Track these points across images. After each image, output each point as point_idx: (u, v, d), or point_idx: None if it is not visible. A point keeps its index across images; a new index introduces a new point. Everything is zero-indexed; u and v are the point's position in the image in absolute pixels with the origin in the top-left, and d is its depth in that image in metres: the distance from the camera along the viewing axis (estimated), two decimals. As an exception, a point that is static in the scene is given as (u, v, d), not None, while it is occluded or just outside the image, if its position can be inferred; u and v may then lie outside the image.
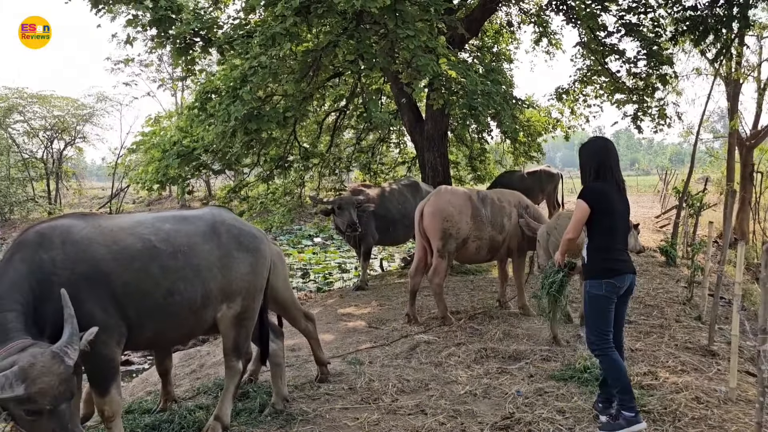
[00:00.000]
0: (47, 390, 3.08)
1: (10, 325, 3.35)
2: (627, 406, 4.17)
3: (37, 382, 3.05)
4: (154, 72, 29.15)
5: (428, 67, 8.20)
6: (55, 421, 3.13)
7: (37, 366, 3.08)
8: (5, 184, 28.50)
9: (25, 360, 3.09)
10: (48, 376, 3.09)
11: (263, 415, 4.72)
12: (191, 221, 4.23)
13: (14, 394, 3.00)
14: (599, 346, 4.25)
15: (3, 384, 3.00)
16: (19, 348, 3.20)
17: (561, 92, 14.40)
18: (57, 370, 3.13)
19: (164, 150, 9.66)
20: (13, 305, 3.41)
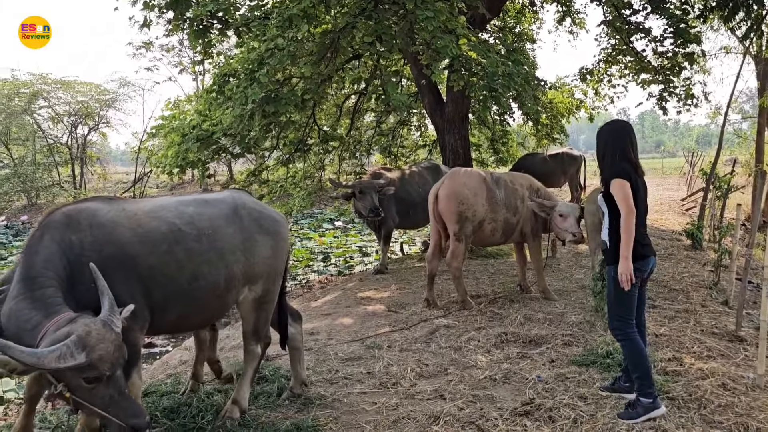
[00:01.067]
0: (106, 356, 3.16)
1: (51, 300, 3.39)
2: (645, 392, 4.13)
3: (96, 349, 3.13)
4: (175, 56, 29.32)
5: (448, 49, 8.05)
6: (113, 387, 3.22)
7: (93, 334, 3.15)
8: (31, 169, 28.96)
9: (80, 329, 3.16)
10: (104, 343, 3.17)
11: (281, 398, 4.72)
12: (213, 204, 4.22)
13: (76, 362, 3.06)
14: (623, 331, 4.19)
15: (64, 353, 3.05)
16: (67, 320, 3.25)
17: (585, 72, 14.11)
18: (110, 337, 3.21)
19: (183, 134, 9.66)
20: (50, 282, 3.45)
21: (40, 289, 3.41)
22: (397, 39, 8.62)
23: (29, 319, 3.31)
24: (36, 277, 3.44)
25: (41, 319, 3.29)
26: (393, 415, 4.40)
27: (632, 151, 4.24)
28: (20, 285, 3.44)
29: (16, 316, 3.36)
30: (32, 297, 3.38)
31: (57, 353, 3.05)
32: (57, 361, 3.04)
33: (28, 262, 3.50)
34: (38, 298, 3.38)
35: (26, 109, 29.75)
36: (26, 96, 29.48)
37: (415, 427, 4.21)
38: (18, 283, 3.45)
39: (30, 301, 3.37)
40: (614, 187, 4.14)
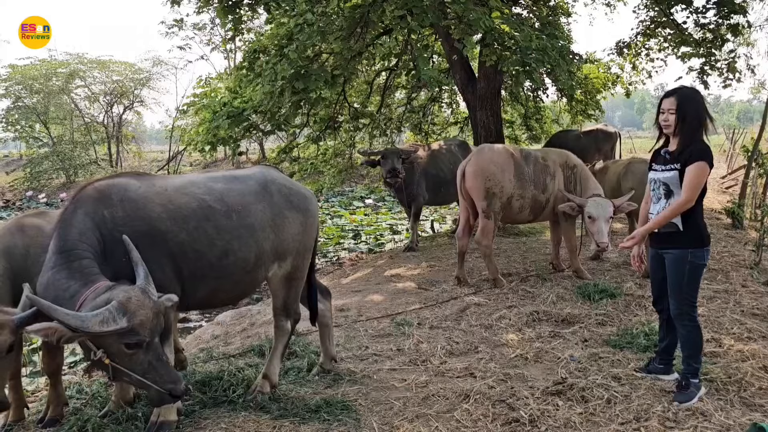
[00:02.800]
0: (146, 322, 3.23)
1: (88, 270, 3.44)
2: (696, 374, 4.09)
3: (137, 315, 3.20)
4: (207, 35, 29.45)
5: (480, 22, 7.87)
6: (152, 353, 3.29)
7: (133, 300, 3.22)
8: (69, 148, 29.61)
9: (121, 295, 3.22)
10: (144, 309, 3.24)
11: (311, 374, 4.74)
12: (243, 181, 4.21)
13: (119, 326, 3.14)
14: (691, 316, 4.06)
15: (107, 317, 3.13)
16: (106, 287, 3.32)
17: (622, 46, 13.69)
18: (149, 303, 3.28)
19: (214, 111, 9.70)
20: (86, 253, 3.50)
21: (77, 260, 3.45)
22: (428, 12, 8.45)
23: (68, 287, 3.36)
24: (72, 249, 3.48)
25: (79, 287, 3.34)
26: (422, 392, 4.39)
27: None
28: (56, 257, 3.48)
29: (54, 286, 3.40)
30: (69, 267, 3.42)
31: (100, 317, 3.12)
32: (100, 325, 3.12)
33: (62, 235, 3.54)
34: (76, 268, 3.43)
35: (64, 89, 30.36)
36: (63, 76, 30.07)
37: (444, 404, 4.19)
38: (54, 254, 3.49)
39: (68, 271, 3.41)
40: (696, 170, 3.87)
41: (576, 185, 7.39)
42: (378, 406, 4.21)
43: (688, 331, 4.09)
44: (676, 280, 4.05)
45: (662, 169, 4.08)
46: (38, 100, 29.93)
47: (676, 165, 3.98)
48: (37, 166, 28.46)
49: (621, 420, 3.84)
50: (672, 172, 3.99)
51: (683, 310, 4.06)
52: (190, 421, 3.96)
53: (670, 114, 3.97)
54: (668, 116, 3.98)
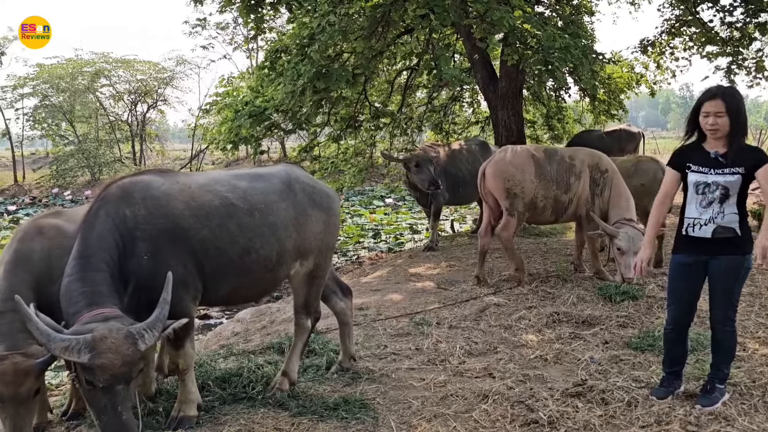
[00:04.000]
0: (108, 366, 3.08)
1: (98, 288, 3.41)
2: (724, 380, 4.03)
3: (102, 357, 3.07)
4: (230, 34, 29.71)
5: (503, 21, 7.83)
6: (107, 398, 3.13)
7: (107, 341, 3.10)
8: (94, 146, 30.05)
9: (99, 331, 3.13)
10: (113, 354, 3.09)
11: (330, 372, 4.76)
12: (266, 179, 4.24)
13: (78, 359, 3.07)
14: (732, 320, 3.97)
15: (72, 347, 3.07)
16: (103, 317, 3.26)
17: (646, 45, 13.53)
18: (125, 350, 3.13)
19: (236, 110, 9.78)
20: (99, 264, 3.48)
21: (90, 271, 3.45)
22: (450, 11, 8.44)
23: (75, 303, 3.37)
24: (89, 257, 3.49)
25: (83, 307, 3.33)
26: (441, 392, 4.38)
27: None
28: (74, 263, 3.50)
29: (66, 298, 3.43)
30: (83, 279, 3.42)
31: (66, 344, 3.07)
32: (63, 350, 3.07)
33: (84, 238, 3.56)
34: (88, 281, 3.41)
35: (89, 88, 30.82)
36: (89, 75, 30.51)
37: (463, 404, 4.18)
38: (73, 260, 3.51)
39: (80, 283, 3.41)
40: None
41: (603, 191, 7.13)
42: (396, 405, 4.21)
43: (728, 336, 3.98)
44: (729, 286, 3.89)
45: (718, 172, 3.82)
46: (64, 99, 30.42)
47: (738, 169, 3.77)
48: (63, 163, 28.92)
49: (642, 423, 3.79)
50: (735, 176, 3.78)
51: (728, 315, 3.94)
52: (210, 416, 4.00)
53: (718, 117, 3.74)
54: (716, 119, 3.75)
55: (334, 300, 4.84)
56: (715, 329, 4.04)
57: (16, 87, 30.34)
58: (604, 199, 7.10)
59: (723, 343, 4.02)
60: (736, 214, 3.80)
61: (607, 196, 7.09)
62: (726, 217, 3.80)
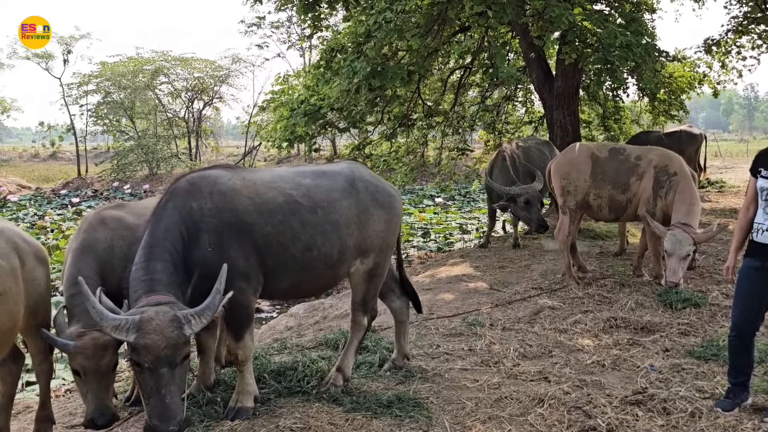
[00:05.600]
0: (152, 347, 3.20)
1: (157, 276, 3.56)
2: None
3: (146, 337, 3.21)
4: (284, 33, 30.16)
5: (562, 18, 7.68)
6: (153, 381, 3.24)
7: (153, 323, 3.25)
8: (153, 142, 31.05)
9: (147, 313, 3.29)
10: (157, 336, 3.22)
11: (383, 369, 4.77)
12: (330, 177, 4.29)
13: (126, 338, 3.23)
14: None
15: (121, 326, 3.24)
16: (156, 302, 3.41)
17: (711, 44, 13.05)
18: (169, 333, 3.25)
19: (292, 108, 9.91)
20: (163, 254, 3.63)
21: (153, 261, 3.60)
22: (507, 9, 8.33)
23: (137, 290, 3.54)
24: (154, 247, 3.65)
25: (142, 294, 3.50)
26: (495, 394, 4.33)
27: None
28: (141, 252, 3.66)
29: (132, 284, 3.60)
30: (147, 267, 3.58)
31: (116, 323, 3.23)
32: (112, 329, 3.23)
33: (152, 229, 3.73)
34: (150, 270, 3.57)
35: (149, 85, 31.82)
36: (149, 72, 31.49)
37: (518, 407, 4.12)
38: (141, 249, 3.68)
39: (143, 271, 3.58)
40: None
41: (668, 194, 6.82)
42: (450, 405, 4.19)
43: None
44: None
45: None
46: (125, 96, 31.50)
47: None
48: (123, 158, 29.98)
49: (706, 435, 3.66)
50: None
51: None
52: (266, 408, 4.07)
53: None
54: None
55: (392, 297, 4.85)
56: None
57: (81, 84, 31.62)
58: (668, 201, 6.82)
59: None
60: None
61: (671, 199, 6.81)
62: None
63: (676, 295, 6.33)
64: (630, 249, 8.80)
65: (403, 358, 4.84)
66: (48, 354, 4.02)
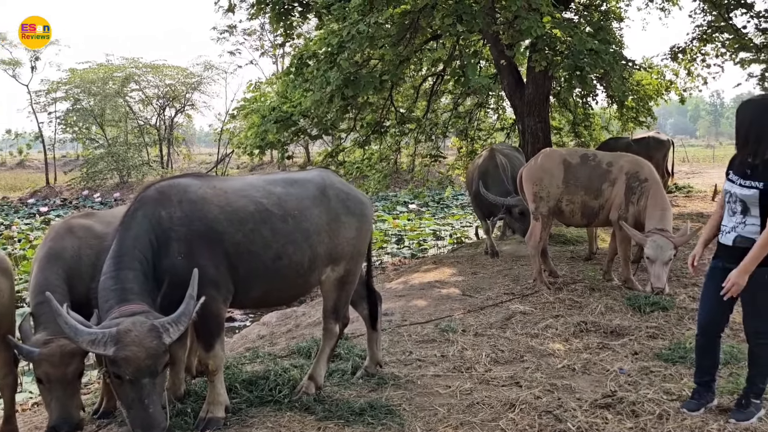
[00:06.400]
0: (132, 359, 3.16)
1: (128, 285, 3.51)
2: (760, 395, 3.91)
3: (126, 349, 3.16)
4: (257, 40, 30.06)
5: (532, 29, 7.79)
6: (134, 392, 3.21)
7: (131, 334, 3.20)
8: (123, 149, 30.66)
9: (124, 325, 3.23)
10: (137, 347, 3.18)
11: (355, 377, 4.75)
12: (301, 184, 4.28)
13: (104, 352, 3.17)
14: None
15: (99, 340, 3.17)
16: (130, 312, 3.35)
17: (677, 51, 13.35)
18: (148, 343, 3.21)
19: (263, 115, 9.87)
20: (133, 263, 3.58)
21: (123, 269, 3.55)
22: (478, 19, 8.41)
23: (107, 300, 3.48)
24: (123, 256, 3.59)
25: (114, 304, 3.44)
26: (467, 400, 4.35)
27: None
28: (110, 262, 3.61)
29: (101, 295, 3.54)
30: (117, 277, 3.52)
31: (92, 337, 3.17)
32: (89, 343, 3.17)
33: (121, 238, 3.67)
34: (120, 279, 3.52)
35: (119, 92, 31.43)
36: (119, 79, 31.12)
37: (489, 412, 4.14)
38: (109, 258, 3.63)
39: (113, 281, 3.52)
40: None
41: (640, 200, 6.93)
42: (422, 412, 4.19)
43: (761, 349, 3.87)
44: (754, 298, 3.80)
45: (741, 183, 3.77)
46: (95, 103, 31.10)
47: (757, 183, 3.68)
48: (93, 166, 29.53)
49: (673, 436, 3.73)
50: (752, 190, 3.70)
51: (761, 330, 3.84)
52: (237, 419, 4.03)
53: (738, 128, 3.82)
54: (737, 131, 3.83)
55: (363, 305, 4.85)
56: (748, 342, 3.98)
57: (49, 91, 31.12)
58: (640, 207, 6.94)
59: (758, 356, 3.92)
60: (758, 225, 3.72)
61: (643, 204, 6.93)
62: (747, 227, 3.76)
63: (645, 299, 6.44)
64: (600, 253, 8.94)
65: (376, 366, 4.84)
66: (13, 366, 3.94)
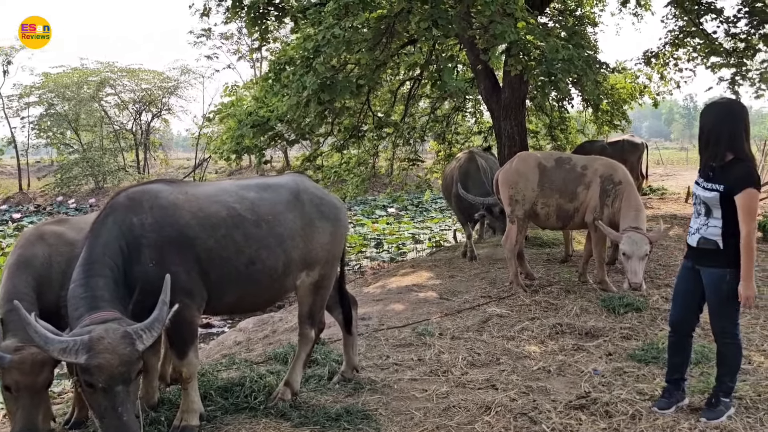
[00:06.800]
0: (105, 366, 3.10)
1: (99, 293, 3.45)
2: (729, 393, 3.99)
3: (99, 357, 3.09)
4: (234, 44, 29.90)
5: (506, 34, 7.85)
6: (107, 400, 3.14)
7: (104, 341, 3.13)
8: (98, 154, 30.24)
9: (96, 332, 3.16)
10: (110, 354, 3.12)
11: (332, 382, 4.74)
12: (275, 189, 4.26)
13: (76, 360, 3.09)
14: (733, 334, 3.95)
15: (70, 348, 3.10)
16: (102, 319, 3.29)
17: (649, 56, 13.56)
18: (122, 350, 3.15)
19: (240, 120, 9.82)
20: (103, 270, 3.53)
21: (93, 277, 3.49)
22: (453, 23, 8.46)
23: (78, 308, 3.41)
24: (93, 263, 3.53)
25: (84, 312, 3.37)
26: (443, 403, 4.36)
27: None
28: (79, 269, 3.55)
29: (71, 303, 3.47)
30: (86, 284, 3.46)
31: (64, 345, 3.10)
32: (60, 352, 3.10)
33: (90, 246, 3.62)
34: (91, 287, 3.45)
35: (94, 96, 31.03)
36: (94, 84, 30.71)
37: (465, 416, 4.15)
38: (79, 266, 3.56)
39: (83, 288, 3.45)
40: (746, 198, 3.67)
41: (614, 202, 7.04)
42: (398, 416, 4.19)
43: (728, 349, 3.97)
44: (716, 299, 3.89)
45: (704, 186, 3.87)
46: (69, 108, 30.63)
47: (717, 186, 3.78)
48: (68, 172, 29.07)
49: (646, 436, 3.77)
50: (713, 193, 3.80)
51: (725, 329, 3.93)
52: (212, 426, 3.99)
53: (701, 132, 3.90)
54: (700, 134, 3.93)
55: (339, 310, 4.84)
56: (716, 341, 4.07)
57: (22, 96, 30.59)
58: (615, 209, 7.04)
59: (724, 355, 4.02)
60: (719, 227, 3.81)
61: (618, 206, 7.03)
62: (709, 229, 3.86)
63: (619, 300, 6.52)
64: (575, 255, 9.03)
65: (353, 370, 4.83)
66: None
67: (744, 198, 3.70)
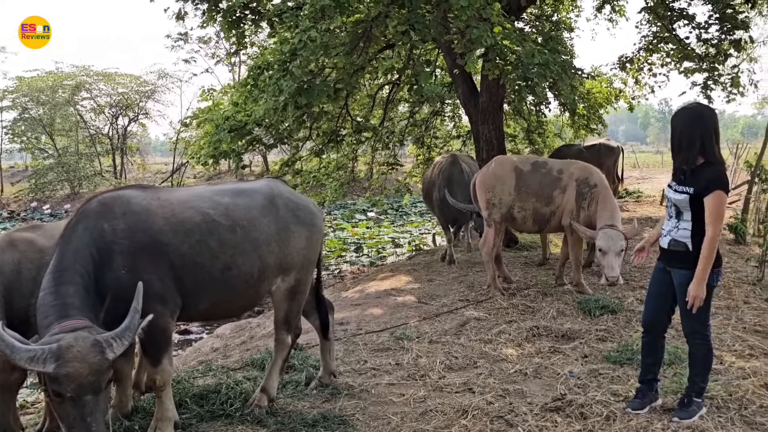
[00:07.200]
0: (74, 375, 3.04)
1: (69, 300, 3.38)
2: (701, 393, 4.06)
3: (67, 366, 3.03)
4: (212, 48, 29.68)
5: (482, 39, 7.89)
6: (76, 410, 3.08)
7: (73, 350, 3.07)
8: (74, 159, 29.75)
9: (65, 341, 3.10)
10: (79, 363, 3.06)
11: (309, 388, 4.73)
12: (249, 194, 4.23)
13: (44, 369, 3.03)
14: (703, 335, 4.01)
15: (38, 357, 3.03)
16: (71, 328, 3.23)
17: (624, 61, 13.71)
18: (91, 359, 3.09)
19: (217, 125, 9.74)
20: (74, 277, 3.46)
21: (64, 284, 3.42)
22: (430, 28, 8.49)
23: (47, 316, 3.34)
24: (63, 271, 3.47)
25: (54, 320, 3.30)
26: (421, 408, 4.37)
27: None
28: (49, 277, 3.48)
29: (40, 311, 3.40)
30: (56, 292, 3.40)
31: (31, 354, 3.03)
32: (28, 360, 3.03)
33: (60, 252, 3.55)
34: (61, 294, 3.38)
35: (70, 101, 30.54)
36: (69, 88, 30.26)
37: (442, 420, 4.16)
38: (49, 273, 3.49)
39: (53, 296, 3.38)
40: (714, 200, 3.75)
41: (590, 205, 7.15)
42: (375, 421, 4.19)
43: (699, 349, 4.03)
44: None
45: (676, 189, 3.96)
46: (44, 112, 30.12)
47: (688, 189, 3.86)
48: (42, 177, 28.60)
49: (620, 437, 3.81)
50: (683, 195, 3.89)
51: (696, 330, 4.00)
52: (187, 434, 3.94)
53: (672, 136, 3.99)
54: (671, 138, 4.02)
55: (315, 315, 4.83)
56: (687, 342, 4.14)
57: (-6, 100, 30.01)
58: (591, 212, 7.13)
59: (696, 356, 4.09)
60: (689, 230, 3.89)
61: (594, 209, 7.13)
62: (680, 231, 3.95)
63: (594, 303, 6.59)
64: (552, 258, 9.11)
65: (330, 376, 4.81)
66: None
67: (713, 200, 3.77)
